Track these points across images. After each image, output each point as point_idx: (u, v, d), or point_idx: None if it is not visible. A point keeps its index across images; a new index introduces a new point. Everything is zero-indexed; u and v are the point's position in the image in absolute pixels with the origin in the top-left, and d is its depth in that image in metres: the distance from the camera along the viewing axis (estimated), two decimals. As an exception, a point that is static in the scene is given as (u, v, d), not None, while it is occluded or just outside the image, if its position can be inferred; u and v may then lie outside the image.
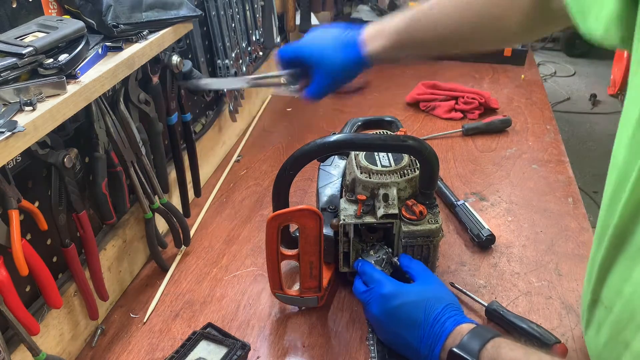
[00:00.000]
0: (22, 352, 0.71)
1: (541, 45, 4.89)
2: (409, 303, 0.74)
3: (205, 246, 1.08)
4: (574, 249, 1.04)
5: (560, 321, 0.88)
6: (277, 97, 1.76)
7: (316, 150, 0.84)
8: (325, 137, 0.83)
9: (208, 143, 1.29)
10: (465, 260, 1.02)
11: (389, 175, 0.89)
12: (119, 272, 0.95)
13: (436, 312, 0.72)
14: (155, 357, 0.84)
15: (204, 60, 1.21)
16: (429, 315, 0.72)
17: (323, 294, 0.89)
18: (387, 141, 0.84)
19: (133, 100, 0.91)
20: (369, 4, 2.16)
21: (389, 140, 0.84)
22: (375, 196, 0.88)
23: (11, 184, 0.65)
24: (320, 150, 0.84)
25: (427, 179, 0.86)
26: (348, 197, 0.90)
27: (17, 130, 0.57)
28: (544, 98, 1.71)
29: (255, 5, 1.43)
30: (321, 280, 0.87)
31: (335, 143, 0.82)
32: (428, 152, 0.82)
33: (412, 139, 0.82)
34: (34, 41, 0.65)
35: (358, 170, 0.90)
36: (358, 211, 0.86)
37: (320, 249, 0.83)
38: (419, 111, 1.64)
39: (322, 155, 0.98)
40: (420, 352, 0.71)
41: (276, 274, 0.86)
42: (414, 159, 0.91)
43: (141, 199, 0.94)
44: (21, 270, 0.65)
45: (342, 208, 0.89)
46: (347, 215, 0.87)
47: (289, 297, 0.89)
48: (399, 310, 0.74)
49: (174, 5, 0.90)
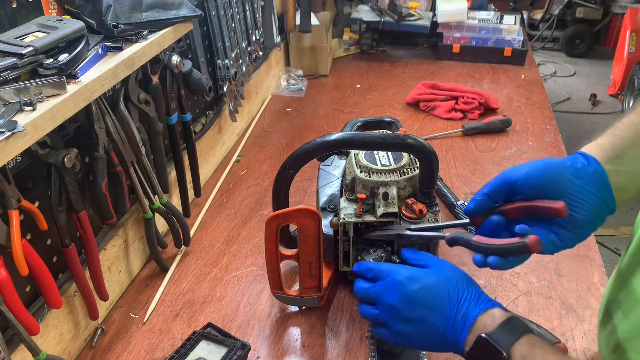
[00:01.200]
0: (22, 352, 0.71)
1: (541, 45, 4.90)
2: (429, 286, 0.68)
3: (205, 246, 1.08)
4: (574, 249, 1.03)
5: (560, 321, 0.88)
6: (277, 97, 1.76)
7: (316, 148, 0.84)
8: (325, 135, 0.83)
9: (208, 143, 1.29)
10: (466, 261, 1.02)
11: (388, 174, 0.89)
12: (119, 272, 0.95)
13: (460, 292, 0.66)
14: (155, 357, 0.84)
15: (204, 60, 1.21)
16: (453, 296, 0.66)
17: (323, 294, 0.89)
18: (387, 139, 0.84)
19: (133, 100, 0.91)
20: (369, 4, 2.16)
21: (389, 139, 0.84)
22: (375, 195, 0.88)
23: (11, 184, 0.66)
24: (321, 148, 0.84)
25: (427, 177, 0.86)
26: (348, 197, 0.90)
27: (17, 130, 0.57)
28: (544, 98, 1.71)
29: (255, 5, 1.43)
30: (321, 280, 0.87)
31: (335, 142, 0.82)
32: (428, 150, 0.82)
33: (411, 137, 0.82)
34: (34, 41, 0.65)
35: (358, 169, 0.90)
36: (358, 210, 0.86)
37: (319, 249, 0.83)
38: (419, 111, 1.64)
39: (322, 154, 0.98)
40: (446, 335, 0.64)
41: (276, 274, 0.86)
42: (414, 158, 0.91)
43: (141, 199, 0.93)
44: (21, 270, 0.65)
45: (342, 207, 0.89)
46: (347, 214, 0.87)
47: (289, 297, 0.89)
48: (420, 294, 0.67)
49: (174, 5, 0.90)
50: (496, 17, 2.10)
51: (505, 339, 0.59)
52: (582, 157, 0.67)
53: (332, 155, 1.06)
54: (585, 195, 0.64)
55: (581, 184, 0.64)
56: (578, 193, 0.64)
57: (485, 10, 2.26)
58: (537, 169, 0.67)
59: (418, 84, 1.71)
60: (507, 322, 0.61)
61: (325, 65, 1.91)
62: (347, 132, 1.06)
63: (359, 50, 2.15)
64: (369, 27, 2.10)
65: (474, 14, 2.13)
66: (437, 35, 2.07)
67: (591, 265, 1.00)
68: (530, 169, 0.67)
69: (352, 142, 0.85)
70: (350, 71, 1.97)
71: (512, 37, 2.00)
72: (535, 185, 0.66)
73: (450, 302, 0.65)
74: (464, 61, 2.02)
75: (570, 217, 0.64)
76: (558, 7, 4.70)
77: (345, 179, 0.96)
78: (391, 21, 2.06)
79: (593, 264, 1.00)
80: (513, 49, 1.97)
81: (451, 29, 2.05)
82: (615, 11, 4.63)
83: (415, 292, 0.68)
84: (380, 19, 2.06)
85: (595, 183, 0.64)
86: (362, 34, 2.12)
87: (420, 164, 0.85)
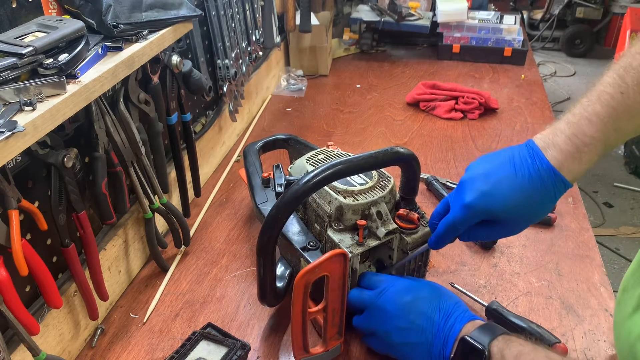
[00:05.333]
0: (22, 352, 0.71)
1: (541, 45, 4.90)
2: (422, 298, 0.75)
3: (205, 246, 1.08)
4: (574, 249, 1.04)
5: (560, 321, 0.88)
6: (277, 97, 1.76)
7: (305, 191, 0.73)
8: (306, 175, 0.74)
9: (208, 143, 1.29)
10: (466, 261, 1.02)
11: (373, 192, 0.84)
12: (119, 272, 0.95)
13: (450, 306, 0.73)
14: (155, 357, 0.84)
15: (203, 60, 1.21)
16: (443, 309, 0.72)
17: (344, 338, 0.82)
18: (378, 157, 0.77)
19: (133, 100, 0.91)
20: (369, 4, 2.16)
21: (380, 156, 0.77)
22: (368, 217, 0.82)
23: (11, 184, 0.65)
24: (311, 189, 0.74)
25: (411, 184, 0.84)
26: (336, 228, 0.82)
27: (17, 130, 0.57)
28: (544, 98, 1.71)
29: (255, 5, 1.43)
30: (342, 324, 0.80)
31: (318, 180, 0.73)
32: (415, 157, 0.81)
33: (400, 148, 0.80)
34: (34, 41, 0.65)
35: (341, 197, 0.83)
36: (360, 238, 0.80)
37: (344, 291, 0.76)
38: (419, 111, 1.64)
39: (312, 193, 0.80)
40: (434, 344, 0.71)
41: (302, 336, 0.76)
42: (381, 170, 0.89)
43: (141, 199, 0.93)
44: (21, 270, 0.65)
45: (338, 240, 0.81)
46: (348, 246, 0.80)
47: (315, 357, 0.80)
48: (414, 303, 0.74)
49: (174, 5, 0.90)
50: (496, 17, 2.11)
51: (484, 338, 0.66)
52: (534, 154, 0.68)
53: None
54: None
55: None
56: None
57: (485, 10, 2.26)
58: (516, 202, 0.68)
59: (418, 83, 1.71)
60: (484, 326, 0.68)
61: (325, 65, 1.92)
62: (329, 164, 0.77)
63: (359, 50, 2.15)
64: (369, 27, 2.10)
65: (474, 13, 2.13)
66: (437, 35, 2.07)
67: (591, 265, 1.00)
68: (509, 202, 0.68)
69: (340, 172, 0.75)
70: (350, 71, 1.98)
71: (512, 37, 2.00)
72: (512, 216, 0.70)
73: (440, 314, 0.72)
74: (464, 61, 2.02)
75: None
76: (558, 7, 4.70)
77: (314, 212, 0.87)
78: (391, 21, 2.06)
79: (593, 264, 1.00)
80: (513, 49, 1.97)
81: (451, 29, 2.05)
82: (615, 11, 4.64)
83: (410, 301, 0.74)
84: (380, 19, 2.06)
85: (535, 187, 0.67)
86: (362, 34, 2.12)
87: (405, 171, 0.83)
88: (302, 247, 0.85)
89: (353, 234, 0.82)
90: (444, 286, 0.81)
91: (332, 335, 0.80)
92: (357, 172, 0.81)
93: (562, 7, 4.69)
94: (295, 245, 0.86)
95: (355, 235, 0.81)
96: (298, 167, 0.95)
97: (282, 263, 0.91)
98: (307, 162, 0.94)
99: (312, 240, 0.86)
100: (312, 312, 0.75)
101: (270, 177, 1.00)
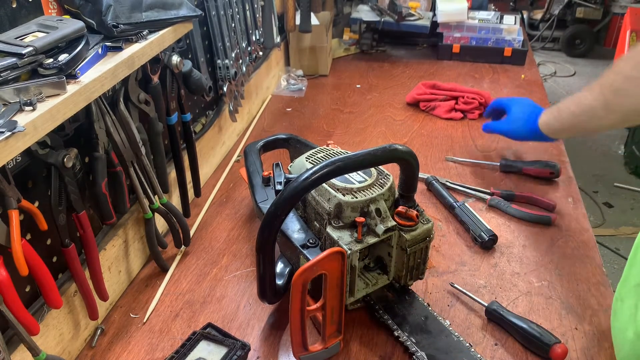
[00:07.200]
0: (22, 352, 0.71)
1: (541, 46, 4.90)
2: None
3: (205, 246, 1.08)
4: (574, 249, 1.04)
5: (560, 321, 0.88)
6: (277, 97, 1.76)
7: (304, 188, 0.73)
8: (305, 171, 0.73)
9: (208, 143, 1.29)
10: (466, 261, 1.02)
11: (372, 190, 0.84)
12: (119, 272, 0.95)
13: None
14: (155, 357, 0.84)
15: (203, 60, 1.21)
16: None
17: (343, 335, 0.83)
18: (377, 154, 0.77)
19: (133, 100, 0.91)
20: (369, 4, 2.16)
21: (380, 153, 0.77)
22: (367, 214, 0.82)
23: (11, 184, 0.65)
24: (310, 186, 0.74)
25: (410, 182, 0.84)
26: (335, 225, 0.82)
27: (17, 130, 0.57)
28: (544, 98, 1.71)
29: (255, 5, 1.43)
30: (342, 322, 0.80)
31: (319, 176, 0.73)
32: (414, 155, 0.81)
33: (398, 146, 0.79)
34: (34, 41, 0.65)
35: (340, 194, 0.83)
36: (359, 235, 0.80)
37: (342, 289, 0.76)
38: (419, 111, 1.64)
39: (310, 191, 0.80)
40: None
41: (301, 334, 0.77)
42: (380, 167, 0.89)
43: (141, 199, 0.93)
44: (21, 270, 0.65)
45: (337, 237, 0.81)
46: (347, 243, 0.80)
47: (315, 355, 0.80)
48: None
49: (174, 5, 0.90)
50: (496, 17, 2.10)
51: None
52: None
53: None
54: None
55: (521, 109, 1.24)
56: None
57: (485, 10, 2.27)
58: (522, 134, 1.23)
59: (418, 83, 1.71)
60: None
61: (325, 65, 1.92)
62: (330, 161, 0.76)
63: (359, 50, 2.15)
64: (369, 27, 2.10)
65: (474, 14, 2.13)
66: (437, 35, 2.07)
67: (591, 265, 1.00)
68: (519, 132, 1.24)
69: (338, 169, 0.75)
70: (350, 71, 1.98)
71: (512, 37, 2.00)
72: None
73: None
74: (464, 61, 2.03)
75: None
76: (558, 7, 4.70)
77: (314, 210, 0.87)
78: (391, 21, 2.06)
79: (593, 264, 1.01)
80: (513, 49, 1.97)
81: (451, 29, 2.05)
82: (615, 11, 4.64)
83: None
84: (380, 19, 2.06)
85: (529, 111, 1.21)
86: (362, 34, 2.12)
87: (404, 169, 0.83)
88: (301, 244, 0.86)
89: (352, 231, 0.82)
90: None
91: (331, 333, 0.80)
92: (355, 170, 0.81)
93: (562, 7, 4.69)
94: (295, 242, 0.86)
95: (354, 232, 0.81)
96: (298, 165, 0.95)
97: (282, 261, 0.91)
98: (306, 160, 0.94)
99: (312, 238, 0.86)
100: (310, 309, 0.76)
101: (270, 176, 1.00)
